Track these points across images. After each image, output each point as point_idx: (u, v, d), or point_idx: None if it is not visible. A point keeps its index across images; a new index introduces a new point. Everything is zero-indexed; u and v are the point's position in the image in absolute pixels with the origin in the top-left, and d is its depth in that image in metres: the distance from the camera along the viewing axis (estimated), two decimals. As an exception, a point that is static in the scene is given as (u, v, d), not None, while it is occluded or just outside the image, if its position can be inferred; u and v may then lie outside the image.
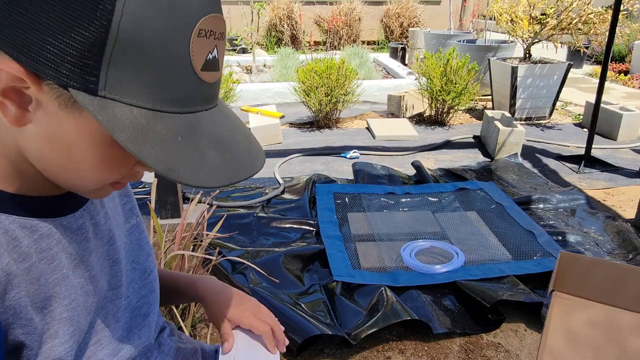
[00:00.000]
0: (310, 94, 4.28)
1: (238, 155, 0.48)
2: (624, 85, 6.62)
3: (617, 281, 0.79)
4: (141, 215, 0.73)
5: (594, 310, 0.79)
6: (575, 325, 0.78)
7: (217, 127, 0.48)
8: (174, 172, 0.42)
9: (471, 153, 3.95)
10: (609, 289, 0.79)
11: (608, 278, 0.79)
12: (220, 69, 0.48)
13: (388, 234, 2.59)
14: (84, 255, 0.55)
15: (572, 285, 0.81)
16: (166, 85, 0.42)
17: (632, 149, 4.02)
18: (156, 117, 0.42)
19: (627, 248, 2.40)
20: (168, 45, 0.41)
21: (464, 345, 1.82)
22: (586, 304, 0.80)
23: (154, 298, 0.71)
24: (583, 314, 0.79)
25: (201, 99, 0.46)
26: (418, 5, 10.32)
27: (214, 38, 0.44)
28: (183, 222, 1.62)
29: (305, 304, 1.97)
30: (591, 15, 4.19)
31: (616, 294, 0.79)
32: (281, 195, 3.08)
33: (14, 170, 0.49)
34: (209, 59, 0.45)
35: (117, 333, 0.62)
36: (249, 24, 7.38)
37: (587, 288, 0.81)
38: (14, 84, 0.41)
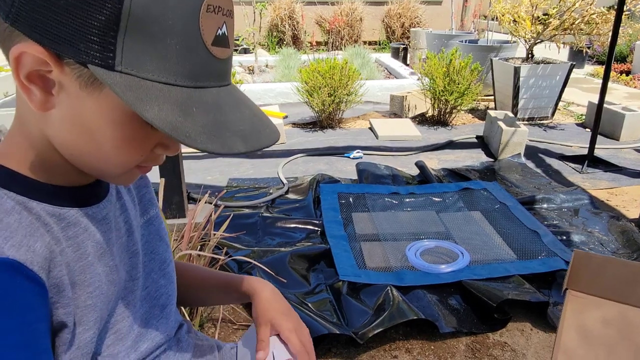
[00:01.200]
0: (313, 94, 4.28)
1: (253, 126, 0.50)
2: (626, 85, 6.63)
3: (630, 279, 0.79)
4: None
5: (608, 309, 0.80)
6: (589, 324, 0.78)
7: (231, 102, 0.49)
8: (190, 139, 0.43)
9: (474, 153, 3.96)
10: (623, 287, 0.80)
11: (621, 276, 0.80)
12: (231, 46, 0.49)
13: (393, 233, 2.60)
14: (107, 245, 0.57)
15: (586, 283, 0.82)
16: (179, 59, 0.44)
17: (635, 149, 4.03)
18: (170, 90, 0.44)
19: (631, 247, 2.41)
20: (179, 19, 0.42)
21: (470, 344, 1.82)
22: (600, 302, 0.81)
23: (172, 289, 0.71)
24: (597, 312, 0.80)
25: (214, 74, 0.48)
26: (419, 6, 10.33)
27: (222, 14, 0.46)
28: (191, 222, 1.63)
29: (312, 303, 1.97)
30: (594, 15, 4.19)
31: (630, 292, 0.79)
32: (285, 195, 3.09)
33: (42, 160, 0.51)
34: (219, 34, 0.46)
35: (136, 324, 0.62)
36: (251, 24, 7.39)
37: (601, 286, 0.81)
38: (38, 67, 0.43)
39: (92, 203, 0.56)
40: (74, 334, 0.50)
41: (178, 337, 0.73)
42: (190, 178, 3.38)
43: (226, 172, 3.50)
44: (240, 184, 3.32)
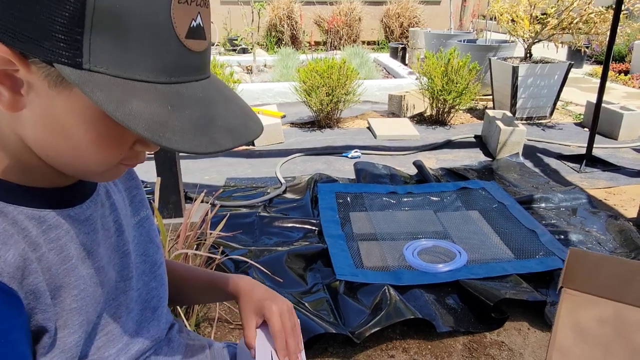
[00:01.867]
0: (311, 94, 4.28)
1: (231, 123, 0.47)
2: (624, 85, 6.63)
3: (626, 278, 0.79)
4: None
5: (603, 307, 0.79)
6: (584, 322, 0.78)
7: (210, 97, 0.47)
8: (164, 138, 0.41)
9: (472, 152, 3.95)
10: (618, 285, 0.79)
11: (617, 275, 0.79)
12: (208, 38, 0.48)
13: (390, 233, 2.60)
14: (92, 246, 0.56)
15: (581, 281, 0.82)
16: (151, 55, 0.42)
17: (633, 148, 4.03)
18: (144, 87, 0.42)
19: (629, 247, 2.40)
20: (149, 12, 0.41)
21: (467, 343, 1.82)
22: (595, 300, 0.81)
23: (164, 291, 0.71)
24: (592, 310, 0.79)
25: (190, 68, 0.46)
26: (418, 6, 10.33)
27: (196, 4, 0.44)
28: (187, 222, 1.62)
29: (308, 302, 1.97)
30: (592, 14, 4.19)
31: (625, 290, 0.79)
32: (283, 194, 3.08)
33: (17, 161, 0.49)
34: (193, 26, 0.44)
35: (128, 325, 0.62)
36: (249, 24, 7.39)
37: (596, 285, 0.81)
38: (4, 67, 0.42)
39: (75, 204, 0.55)
40: (55, 338, 0.49)
41: (169, 337, 0.72)
42: (188, 178, 3.37)
43: (224, 172, 3.49)
44: (237, 183, 3.31)
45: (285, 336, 0.73)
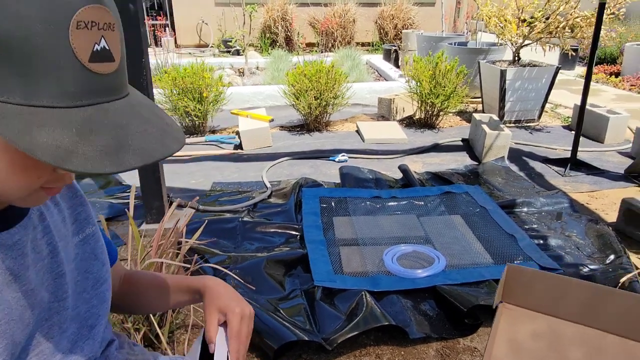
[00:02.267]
0: (299, 98, 4.30)
1: (143, 143, 0.48)
2: (615, 87, 6.66)
3: (559, 293, 0.81)
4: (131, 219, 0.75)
5: (538, 322, 0.82)
6: (519, 336, 0.80)
7: (120, 118, 0.48)
8: (69, 162, 0.42)
9: (459, 156, 3.97)
10: (553, 300, 0.81)
11: (551, 290, 0.82)
12: (117, 59, 0.49)
13: (372, 238, 2.61)
14: (19, 270, 0.57)
15: (518, 296, 0.84)
16: (54, 81, 0.43)
17: (619, 151, 4.05)
18: (49, 113, 0.43)
19: (606, 251, 2.43)
20: (45, 40, 0.42)
21: (440, 349, 1.84)
22: (531, 315, 0.83)
23: (104, 309, 0.72)
24: (528, 325, 0.81)
25: (98, 91, 0.47)
26: (412, 7, 10.35)
27: (97, 29, 0.45)
28: (160, 228, 1.64)
29: (285, 309, 1.99)
30: (578, 19, 4.22)
31: (559, 305, 0.81)
32: (268, 199, 3.10)
33: None
34: (97, 50, 0.46)
35: (62, 344, 0.63)
36: (241, 26, 7.40)
37: (532, 299, 0.83)
38: None
39: (2, 230, 0.56)
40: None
41: (106, 355, 0.74)
42: (174, 182, 3.39)
43: (210, 176, 3.51)
44: (224, 187, 3.33)
45: (238, 341, 0.74)
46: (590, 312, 0.81)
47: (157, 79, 4.16)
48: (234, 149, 4.10)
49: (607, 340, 0.79)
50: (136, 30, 2.23)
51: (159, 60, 5.89)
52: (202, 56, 8.48)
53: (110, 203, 2.95)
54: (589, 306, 0.81)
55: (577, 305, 0.81)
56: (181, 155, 3.93)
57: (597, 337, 0.79)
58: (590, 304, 0.80)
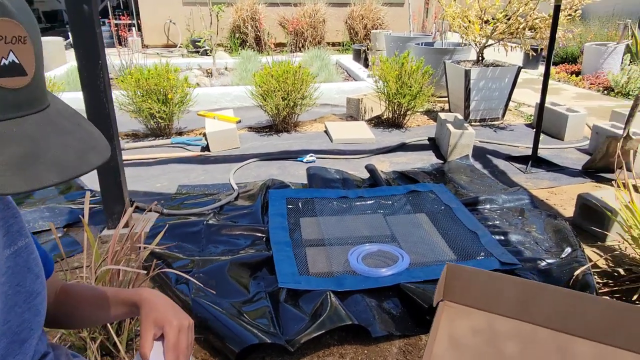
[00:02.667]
0: (267, 98, 4.28)
1: (62, 157, 0.47)
2: (576, 85, 6.88)
3: (496, 290, 0.83)
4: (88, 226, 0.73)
5: (476, 318, 0.84)
6: (458, 332, 0.82)
7: (35, 132, 0.47)
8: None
9: (425, 155, 4.04)
10: (490, 297, 0.84)
11: (488, 287, 0.84)
12: (31, 72, 0.48)
13: (339, 238, 2.63)
14: None
15: (458, 294, 0.86)
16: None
17: (577, 148, 4.19)
18: None
19: (562, 246, 2.51)
20: None
21: (402, 347, 1.87)
22: (469, 311, 0.85)
23: (37, 322, 0.71)
24: (466, 321, 0.84)
25: (9, 106, 0.46)
26: (382, 7, 10.44)
27: (4, 42, 0.45)
28: (116, 234, 1.61)
29: (249, 312, 1.98)
30: (537, 20, 4.35)
31: (496, 302, 0.84)
32: (234, 201, 3.08)
33: None
34: (4, 64, 0.45)
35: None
36: (208, 26, 7.32)
37: (471, 297, 0.85)
38: None
39: None
40: None
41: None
42: (138, 186, 3.33)
43: (176, 179, 3.46)
44: (190, 190, 3.29)
45: (177, 353, 0.73)
46: (524, 308, 0.83)
47: (120, 80, 4.08)
48: (201, 151, 4.05)
49: (541, 334, 0.82)
50: (91, 32, 2.18)
51: (123, 61, 5.77)
52: (170, 56, 8.35)
53: (71, 209, 2.88)
54: (523, 302, 0.83)
55: (513, 301, 0.84)
56: (146, 158, 3.86)
57: (531, 331, 0.82)
58: (525, 299, 0.83)
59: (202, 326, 1.85)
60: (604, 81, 6.65)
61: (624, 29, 7.32)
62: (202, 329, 1.85)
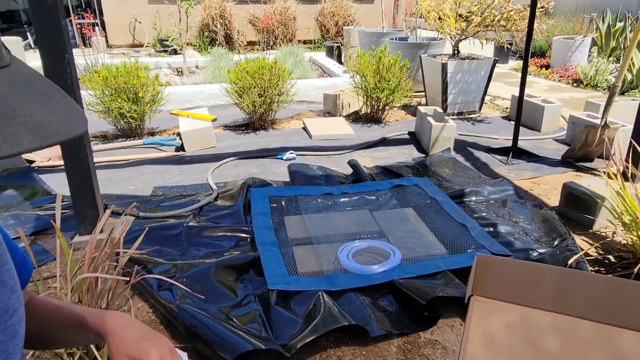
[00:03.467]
0: (243, 95, 4.15)
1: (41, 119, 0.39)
2: (546, 78, 7.01)
3: (532, 281, 0.76)
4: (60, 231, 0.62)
5: (511, 313, 0.77)
6: (493, 330, 0.75)
7: (11, 87, 0.39)
8: None
9: (407, 149, 3.99)
10: (523, 288, 0.77)
11: (522, 278, 0.77)
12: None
13: (326, 236, 2.54)
14: None
15: (489, 288, 0.78)
16: None
17: (555, 139, 4.24)
18: None
19: (552, 235, 2.49)
20: None
21: (402, 345, 1.79)
22: (503, 306, 0.78)
23: (15, 345, 0.59)
24: (500, 317, 0.76)
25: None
26: (352, 4, 10.42)
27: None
28: (93, 239, 1.47)
29: (238, 317, 1.87)
30: (511, 12, 4.37)
31: (531, 294, 0.77)
32: (214, 202, 2.95)
33: None
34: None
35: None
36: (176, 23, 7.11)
37: (503, 290, 0.78)
38: None
39: None
40: None
41: None
42: (110, 189, 3.15)
43: (151, 181, 3.30)
44: (166, 192, 3.13)
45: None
46: (561, 299, 0.77)
47: (87, 79, 3.87)
48: (176, 151, 3.89)
49: (581, 326, 0.75)
50: (56, 24, 2.01)
51: (88, 60, 5.51)
52: (137, 56, 8.07)
53: (38, 215, 2.69)
54: (560, 292, 0.77)
55: (548, 292, 0.77)
56: (117, 160, 3.68)
57: (571, 324, 0.75)
58: (561, 289, 0.76)
59: (190, 334, 1.73)
60: (573, 74, 6.80)
61: (589, 23, 7.51)
62: (190, 337, 1.73)
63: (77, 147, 2.24)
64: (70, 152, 2.26)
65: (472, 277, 0.76)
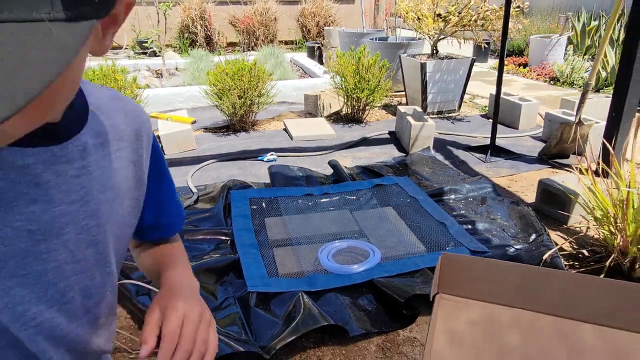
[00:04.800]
0: (222, 97, 4.13)
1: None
2: (524, 77, 7.13)
3: (496, 278, 0.78)
4: None
5: (475, 309, 0.78)
6: (457, 326, 0.77)
7: None
8: None
9: (387, 149, 4.02)
10: (488, 286, 0.78)
11: (487, 276, 0.78)
12: None
13: (307, 236, 2.55)
14: (12, 198, 0.45)
15: (454, 286, 0.80)
16: None
17: (532, 136, 4.31)
18: None
19: (528, 231, 2.54)
20: None
21: (381, 344, 1.81)
22: (468, 303, 0.79)
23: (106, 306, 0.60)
24: (465, 314, 0.78)
25: None
26: (333, 5, 10.44)
27: None
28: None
29: (218, 320, 1.86)
30: (487, 12, 4.44)
31: (495, 291, 0.78)
32: (194, 205, 2.93)
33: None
34: None
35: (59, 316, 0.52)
36: (155, 25, 7.04)
37: (468, 287, 0.79)
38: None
39: (23, 145, 0.45)
40: None
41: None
42: (89, 194, 3.11)
43: (130, 185, 3.26)
44: None
45: (177, 344, 0.59)
46: (525, 295, 0.79)
47: (63, 82, 3.80)
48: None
49: (543, 321, 0.77)
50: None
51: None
52: (116, 58, 7.96)
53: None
54: (523, 289, 0.79)
55: (511, 289, 0.79)
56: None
57: (533, 319, 0.78)
58: (524, 286, 0.78)
59: (168, 339, 1.71)
60: (550, 72, 6.92)
61: (565, 22, 7.65)
62: (168, 343, 1.72)
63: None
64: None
65: (436, 275, 0.78)
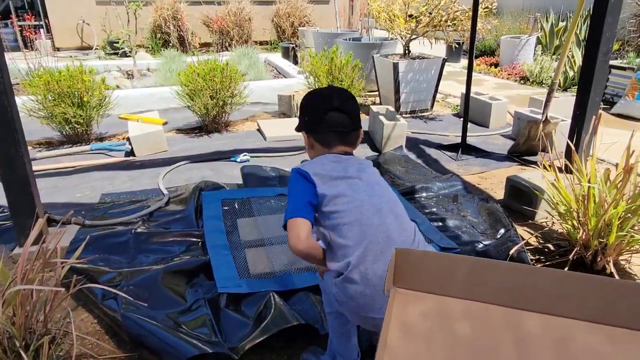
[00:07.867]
0: (194, 98, 4.09)
1: None
2: (495, 76, 7.27)
3: (447, 271, 0.79)
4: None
5: (427, 302, 0.80)
6: (410, 318, 0.78)
7: None
8: None
9: (360, 148, 4.04)
10: (440, 279, 0.80)
11: (439, 269, 0.80)
12: None
13: (279, 236, 2.54)
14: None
15: (408, 279, 0.81)
16: None
17: (502, 134, 4.40)
18: None
19: (497, 227, 2.59)
20: None
21: (351, 341, 1.81)
22: (420, 296, 0.81)
23: None
24: (417, 306, 0.79)
25: None
26: (308, 5, 10.45)
27: None
28: (25, 251, 1.42)
29: (187, 322, 1.84)
30: (457, 12, 4.51)
31: (447, 283, 0.80)
32: (165, 207, 2.89)
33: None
34: None
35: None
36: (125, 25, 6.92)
37: (421, 280, 0.81)
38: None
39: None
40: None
41: None
42: (56, 197, 3.03)
43: (98, 187, 3.20)
44: (115, 198, 3.04)
45: None
46: (475, 287, 0.81)
47: (27, 83, 3.70)
48: (125, 156, 3.78)
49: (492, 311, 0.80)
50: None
51: (31, 64, 5.27)
52: (86, 59, 7.79)
53: (-26, 227, 2.55)
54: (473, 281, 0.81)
55: (463, 281, 0.81)
56: (63, 167, 3.54)
57: (482, 310, 0.80)
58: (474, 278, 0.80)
59: (135, 343, 1.69)
60: (520, 71, 7.08)
61: (534, 22, 7.84)
62: (135, 346, 1.69)
63: (12, 155, 2.14)
64: (6, 160, 2.16)
65: (391, 270, 0.79)
